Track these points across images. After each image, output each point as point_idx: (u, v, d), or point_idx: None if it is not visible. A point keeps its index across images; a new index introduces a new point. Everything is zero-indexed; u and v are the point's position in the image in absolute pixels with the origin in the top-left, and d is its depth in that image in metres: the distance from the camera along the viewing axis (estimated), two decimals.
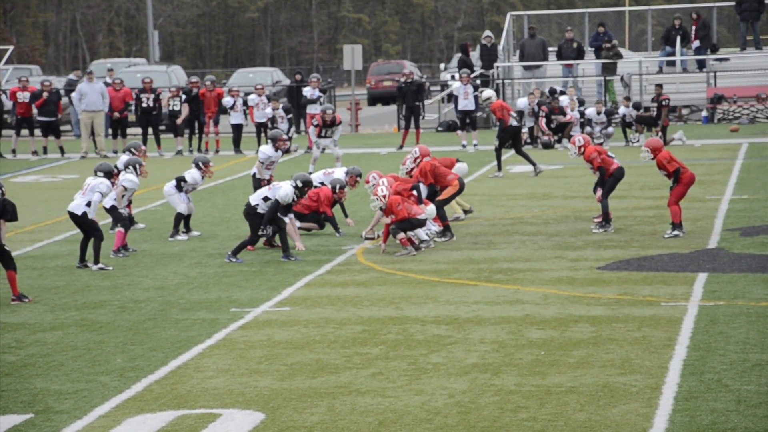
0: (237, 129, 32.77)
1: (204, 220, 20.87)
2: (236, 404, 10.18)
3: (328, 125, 26.23)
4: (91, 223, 16.31)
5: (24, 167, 30.46)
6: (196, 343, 12.27)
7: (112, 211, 17.44)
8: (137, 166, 17.68)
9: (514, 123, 25.14)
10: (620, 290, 14.27)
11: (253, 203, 17.17)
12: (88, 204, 16.32)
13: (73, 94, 33.99)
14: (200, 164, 18.93)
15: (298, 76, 38.66)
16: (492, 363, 11.21)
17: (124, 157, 18.78)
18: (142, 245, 18.34)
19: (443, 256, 16.83)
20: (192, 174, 18.89)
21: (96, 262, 16.42)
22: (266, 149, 19.71)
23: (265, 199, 17.16)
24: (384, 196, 17.08)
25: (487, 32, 39.13)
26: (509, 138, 25.18)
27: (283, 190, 17.03)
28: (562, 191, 22.95)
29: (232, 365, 11.38)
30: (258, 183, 19.48)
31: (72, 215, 16.34)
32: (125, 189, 17.47)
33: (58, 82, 41.49)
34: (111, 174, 16.93)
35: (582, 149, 18.70)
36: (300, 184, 17.25)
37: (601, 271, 15.45)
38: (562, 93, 33.37)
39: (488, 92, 26.66)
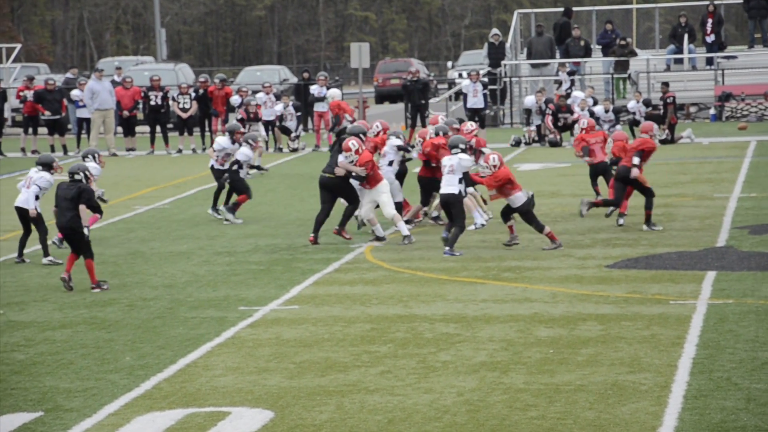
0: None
1: (212, 218, 20.87)
2: (245, 402, 10.18)
3: (251, 119, 26.00)
4: (37, 218, 16.76)
5: (31, 166, 30.44)
6: (204, 341, 12.28)
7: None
8: (96, 155, 18.33)
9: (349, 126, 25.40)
10: (629, 288, 14.26)
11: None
12: (36, 198, 16.85)
13: (73, 92, 33.90)
14: (249, 141, 20.25)
15: (305, 74, 38.67)
16: (501, 361, 11.21)
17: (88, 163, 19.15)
18: (151, 243, 18.36)
19: (452, 255, 16.81)
20: (244, 152, 20.11)
21: (45, 255, 16.83)
22: (222, 140, 20.37)
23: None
24: (494, 166, 16.87)
25: (495, 30, 39.11)
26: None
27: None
28: (570, 189, 22.93)
29: (241, 363, 11.39)
30: (219, 173, 20.24)
31: (21, 210, 16.76)
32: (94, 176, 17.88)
33: (66, 80, 41.51)
34: (51, 167, 17.18)
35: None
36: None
37: (610, 270, 15.44)
38: (563, 87, 33.34)
39: (333, 91, 27.15)
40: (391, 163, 18.89)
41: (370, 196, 17.96)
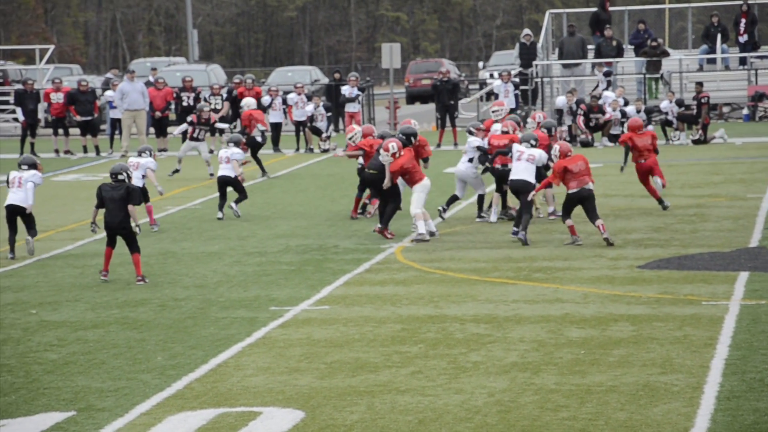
0: (276, 128, 32.85)
1: (243, 218, 20.93)
2: (276, 402, 10.20)
3: (202, 123, 26.00)
4: (31, 216, 17.36)
5: (65, 166, 30.65)
6: (235, 341, 12.30)
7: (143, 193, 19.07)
8: (150, 150, 20.08)
9: (259, 138, 26.08)
10: (661, 289, 14.20)
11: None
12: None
13: (108, 92, 34.01)
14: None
15: (336, 75, 38.70)
16: (532, 362, 11.19)
17: (134, 159, 20.15)
18: (182, 244, 18.42)
19: (482, 255, 16.81)
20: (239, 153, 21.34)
21: (12, 252, 17.45)
22: (239, 153, 21.18)
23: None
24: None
25: (526, 30, 39.03)
26: (254, 148, 25.97)
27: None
28: (602, 189, 22.87)
29: (272, 363, 11.40)
30: (236, 180, 21.00)
31: (16, 208, 17.21)
32: (153, 171, 19.79)
33: (98, 81, 41.72)
34: (36, 166, 17.74)
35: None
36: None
37: (642, 270, 15.38)
38: (597, 89, 33.23)
39: (246, 100, 27.34)
40: (471, 160, 19.48)
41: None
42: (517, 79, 35.27)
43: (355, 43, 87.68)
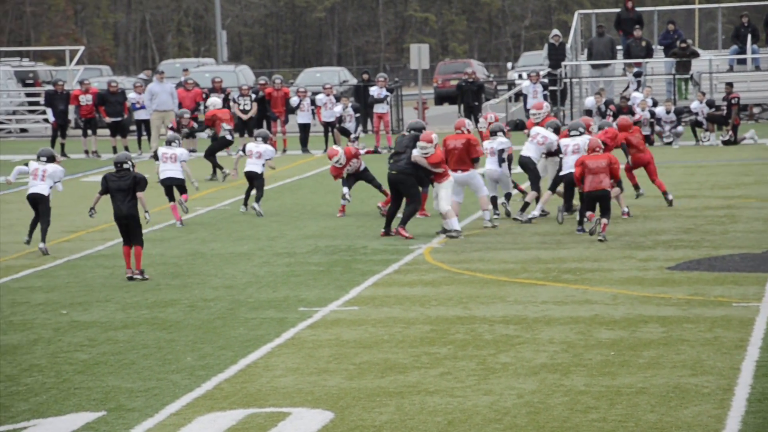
0: (304, 128, 32.90)
1: (272, 219, 20.97)
2: (305, 403, 10.21)
3: (183, 128, 25.99)
4: (49, 206, 17.81)
5: (94, 167, 30.77)
6: (265, 342, 12.32)
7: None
8: (178, 140, 20.90)
9: (228, 136, 26.42)
10: (691, 290, 14.14)
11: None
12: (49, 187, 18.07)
13: (130, 95, 34.04)
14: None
15: (365, 76, 38.73)
16: (561, 363, 11.16)
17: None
18: (211, 244, 18.46)
19: (511, 256, 16.78)
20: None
21: (43, 240, 17.85)
22: (270, 149, 21.55)
23: None
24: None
25: (555, 31, 38.95)
26: (220, 147, 26.36)
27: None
28: (632, 190, 22.79)
29: (301, 364, 11.41)
30: (260, 176, 21.38)
31: (38, 196, 17.65)
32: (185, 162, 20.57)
33: (127, 82, 41.87)
34: (54, 159, 18.27)
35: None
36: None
37: (672, 271, 15.32)
38: (629, 89, 33.15)
39: (211, 100, 27.44)
40: (502, 161, 19.84)
41: (436, 190, 18.46)
42: (545, 80, 35.20)
43: (383, 44, 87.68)
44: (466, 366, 11.16)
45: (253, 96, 32.98)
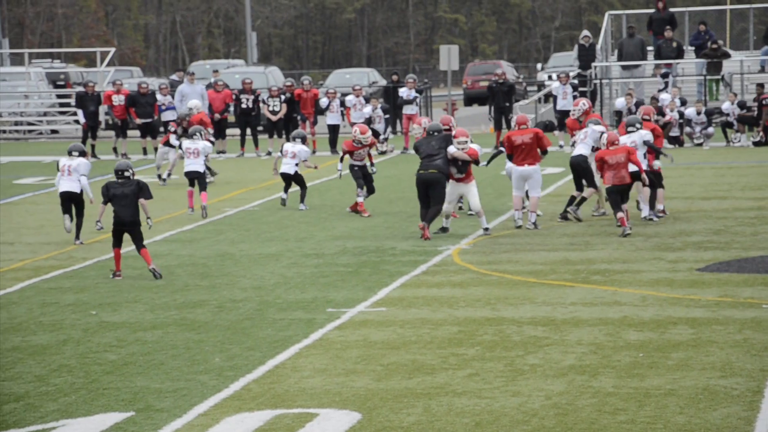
0: (333, 130, 32.94)
1: (301, 220, 20.99)
2: (333, 404, 10.21)
3: (185, 130, 25.87)
4: (83, 203, 18.21)
5: None
6: (293, 342, 12.34)
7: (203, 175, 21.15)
8: (201, 132, 21.52)
9: (212, 138, 26.18)
10: (720, 292, 14.07)
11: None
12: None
13: (158, 97, 34.14)
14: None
15: (394, 77, 38.73)
16: (589, 365, 11.13)
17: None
18: (240, 245, 18.50)
19: (540, 257, 16.75)
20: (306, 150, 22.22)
21: (78, 236, 18.60)
22: (305, 149, 22.02)
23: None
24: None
25: (585, 32, 38.84)
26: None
27: None
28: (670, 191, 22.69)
29: (329, 365, 11.42)
30: (297, 175, 21.80)
31: (71, 194, 18.01)
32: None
33: (158, 84, 42.01)
34: (84, 153, 19.02)
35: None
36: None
37: (701, 273, 15.25)
38: (661, 91, 33.02)
39: (192, 102, 27.30)
40: (594, 149, 20.05)
41: (458, 191, 18.81)
42: (575, 81, 35.10)
43: (413, 45, 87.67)
44: (494, 367, 11.14)
45: (283, 97, 33.03)
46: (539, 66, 57.92)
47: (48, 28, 79.02)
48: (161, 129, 35.26)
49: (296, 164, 21.76)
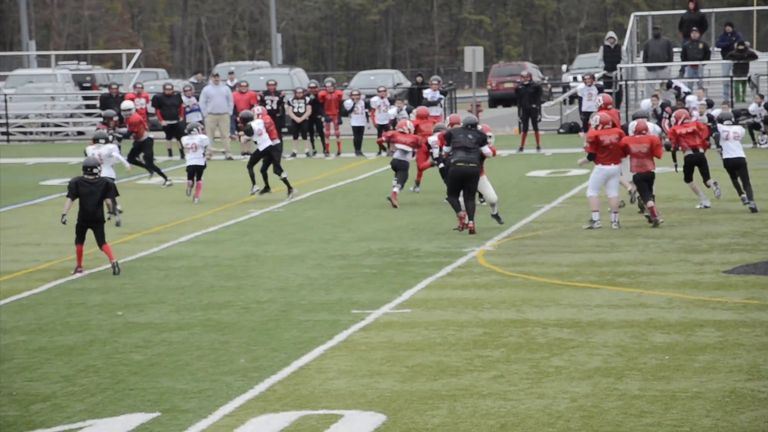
0: (358, 131, 32.94)
1: (325, 221, 21.01)
2: (358, 405, 10.21)
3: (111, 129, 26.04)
4: (115, 188, 18.33)
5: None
6: (317, 344, 12.34)
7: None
8: (198, 128, 23.10)
9: (151, 135, 26.87)
10: (748, 294, 14.00)
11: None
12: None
13: (183, 97, 34.25)
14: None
15: (419, 79, 38.73)
16: (615, 367, 11.09)
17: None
18: (265, 246, 18.53)
19: (565, 259, 16.71)
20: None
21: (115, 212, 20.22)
22: None
23: None
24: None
25: (611, 33, 38.74)
26: (141, 149, 26.41)
27: None
28: (687, 193, 22.62)
29: (354, 366, 11.42)
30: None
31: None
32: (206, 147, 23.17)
33: (182, 85, 42.12)
34: (108, 139, 20.93)
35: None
36: None
37: (728, 275, 15.18)
38: (688, 93, 32.89)
39: (127, 103, 27.32)
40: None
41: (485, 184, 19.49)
42: (601, 82, 35.02)
43: (437, 47, 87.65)
44: (519, 369, 11.12)
45: (308, 99, 33.07)
46: (564, 67, 57.79)
47: (74, 30, 79.34)
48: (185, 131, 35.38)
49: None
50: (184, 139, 23.12)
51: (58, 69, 46.01)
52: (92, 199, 16.30)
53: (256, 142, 23.64)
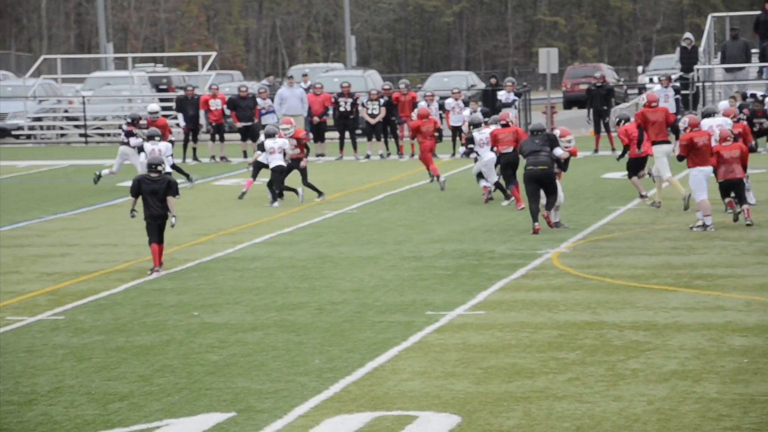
0: None
1: (399, 223, 21.02)
2: (432, 407, 10.20)
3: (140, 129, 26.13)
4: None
5: (224, 171, 31.16)
6: (392, 345, 12.35)
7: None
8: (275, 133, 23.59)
9: (173, 139, 27.53)
10: None
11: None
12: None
13: (258, 99, 34.35)
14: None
15: (493, 80, 38.60)
16: (692, 370, 10.98)
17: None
18: (339, 248, 18.57)
19: (641, 261, 16.58)
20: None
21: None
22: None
23: None
24: None
25: (687, 34, 38.38)
26: None
27: None
28: (766, 195, 22.36)
29: (428, 368, 11.41)
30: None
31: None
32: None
33: (257, 87, 42.36)
34: (162, 135, 22.77)
35: None
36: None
37: None
38: (765, 97, 32.47)
39: (153, 106, 27.48)
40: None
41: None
42: (677, 84, 34.69)
43: (512, 48, 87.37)
44: (595, 372, 11.05)
45: (382, 101, 33.10)
46: (640, 69, 57.37)
47: (151, 32, 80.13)
48: (260, 132, 35.55)
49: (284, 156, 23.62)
50: (267, 143, 23.38)
51: (135, 71, 46.50)
52: (155, 197, 16.53)
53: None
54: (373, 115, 33.02)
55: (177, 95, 36.72)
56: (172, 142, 25.91)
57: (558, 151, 19.32)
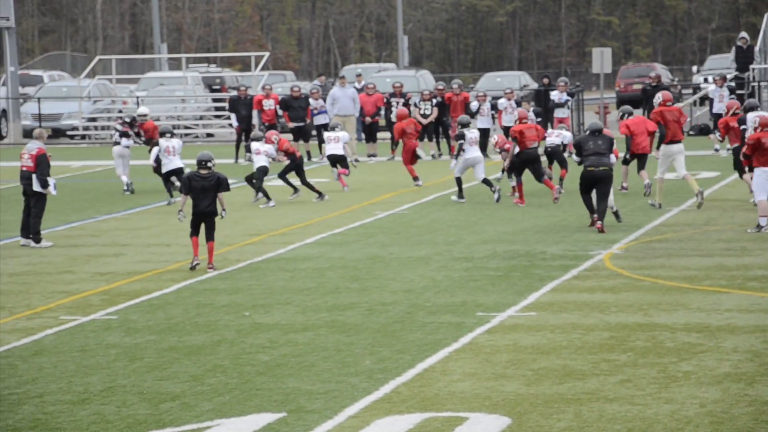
0: (484, 133, 32.78)
1: (451, 224, 21.00)
2: (483, 408, 10.18)
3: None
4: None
5: (275, 171, 31.20)
6: (442, 346, 12.34)
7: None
8: (339, 126, 25.18)
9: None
10: None
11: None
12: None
13: (310, 100, 34.38)
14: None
15: (545, 80, 38.48)
16: (746, 372, 10.89)
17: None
18: (390, 248, 18.58)
19: (694, 263, 16.46)
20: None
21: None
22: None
23: None
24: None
25: (743, 33, 38.08)
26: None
27: None
28: None
29: (479, 369, 11.39)
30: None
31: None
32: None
33: (309, 88, 42.47)
34: (173, 134, 23.85)
35: None
36: None
37: None
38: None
39: (142, 109, 27.42)
40: None
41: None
42: (732, 84, 34.42)
43: (565, 48, 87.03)
44: (647, 374, 10.98)
45: (434, 101, 33.08)
46: (695, 68, 56.94)
47: (205, 33, 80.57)
48: (313, 132, 35.64)
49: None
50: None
51: (189, 72, 46.77)
52: (204, 194, 16.61)
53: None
54: (425, 116, 32.99)
55: (230, 95, 36.90)
56: (157, 143, 25.76)
57: (612, 158, 19.60)
